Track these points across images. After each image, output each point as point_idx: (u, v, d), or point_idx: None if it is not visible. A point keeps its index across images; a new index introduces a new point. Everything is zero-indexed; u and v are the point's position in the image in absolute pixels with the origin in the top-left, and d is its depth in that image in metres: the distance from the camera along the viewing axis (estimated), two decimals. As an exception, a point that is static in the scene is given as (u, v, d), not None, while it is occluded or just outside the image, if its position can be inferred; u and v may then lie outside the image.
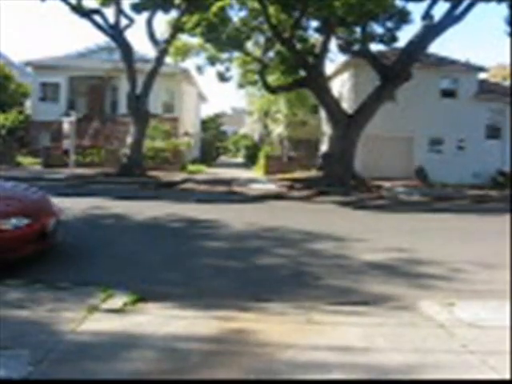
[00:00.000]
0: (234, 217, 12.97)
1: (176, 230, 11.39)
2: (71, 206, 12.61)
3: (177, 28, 24.86)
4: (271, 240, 10.19)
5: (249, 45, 28.29)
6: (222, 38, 24.02)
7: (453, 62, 30.37)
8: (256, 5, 23.62)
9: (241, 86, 33.53)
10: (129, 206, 14.25)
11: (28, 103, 39.53)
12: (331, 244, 9.78)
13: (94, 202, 14.91)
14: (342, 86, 31.19)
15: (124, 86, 29.01)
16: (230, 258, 8.30)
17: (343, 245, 9.72)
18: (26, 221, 6.82)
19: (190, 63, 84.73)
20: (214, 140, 56.99)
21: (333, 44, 25.74)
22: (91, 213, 12.79)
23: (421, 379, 3.91)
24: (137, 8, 23.50)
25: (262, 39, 27.97)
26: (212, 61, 28.55)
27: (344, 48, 24.89)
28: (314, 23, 24.55)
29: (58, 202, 8.91)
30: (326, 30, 23.56)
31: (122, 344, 4.37)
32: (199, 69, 29.59)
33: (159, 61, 25.68)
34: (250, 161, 40.30)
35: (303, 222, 12.62)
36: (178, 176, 25.64)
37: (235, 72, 31.37)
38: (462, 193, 22.23)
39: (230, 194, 19.51)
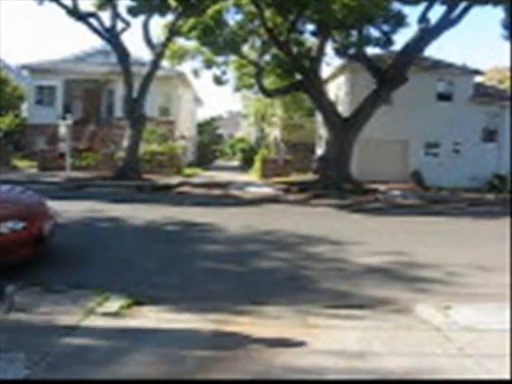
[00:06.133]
0: (229, 220, 12.96)
1: (172, 233, 11.37)
2: (68, 210, 12.59)
3: (173, 31, 24.88)
4: (267, 243, 10.18)
5: (245, 48, 28.34)
6: (219, 41, 24.10)
7: (449, 66, 30.43)
8: (252, 8, 23.66)
9: (237, 89, 33.58)
10: (125, 210, 14.23)
11: (24, 106, 39.48)
12: (327, 247, 9.78)
13: (90, 205, 14.89)
14: (338, 90, 31.25)
15: (120, 90, 29.00)
16: (226, 262, 8.29)
17: (339, 248, 9.71)
18: (22, 224, 6.80)
19: (186, 67, 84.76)
20: (210, 143, 56.96)
21: (329, 47, 25.82)
22: (88, 216, 12.76)
23: (418, 379, 3.91)
24: (133, 11, 23.50)
25: (258, 43, 28.01)
26: (208, 64, 28.61)
27: (340, 51, 24.94)
28: (310, 26, 24.65)
29: (54, 205, 8.89)
30: (322, 34, 23.60)
31: (117, 347, 4.36)
32: (195, 72, 29.64)
33: (155, 64, 25.69)
34: (246, 164, 40.29)
35: (299, 226, 12.62)
36: (174, 179, 25.62)
37: (231, 75, 31.44)
38: (457, 196, 22.27)
39: (225, 198, 19.50)
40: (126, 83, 24.90)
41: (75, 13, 23.54)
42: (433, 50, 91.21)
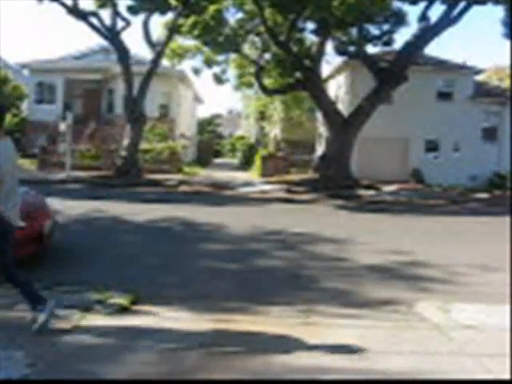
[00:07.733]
0: (230, 219, 12.94)
1: (174, 232, 11.35)
2: (67, 208, 12.58)
3: (173, 30, 24.83)
4: (269, 242, 10.18)
5: (245, 47, 28.30)
6: (219, 40, 24.03)
7: (449, 64, 30.40)
8: (252, 7, 23.63)
9: (237, 88, 33.55)
10: (125, 208, 14.20)
11: (24, 105, 39.42)
12: (329, 246, 9.76)
13: (90, 204, 14.85)
14: (338, 88, 31.22)
15: (120, 88, 28.96)
16: (229, 260, 8.28)
17: (341, 247, 9.70)
18: (22, 223, 6.78)
19: (186, 65, 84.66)
20: (210, 142, 56.92)
21: (329, 46, 25.80)
22: (88, 215, 12.75)
23: (419, 379, 3.91)
24: (133, 10, 23.47)
25: (258, 41, 27.97)
26: (208, 63, 28.56)
27: (340, 50, 24.91)
28: (311, 25, 24.60)
29: (54, 203, 8.89)
30: (322, 32, 23.58)
31: (117, 346, 4.35)
32: (196, 71, 29.59)
33: (155, 63, 25.66)
34: (246, 162, 40.27)
35: (300, 225, 12.61)
36: (175, 178, 25.59)
37: (232, 74, 31.40)
38: (462, 195, 22.26)
39: (225, 196, 19.49)
40: (126, 82, 24.86)
41: (75, 11, 23.52)
42: (433, 49, 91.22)
